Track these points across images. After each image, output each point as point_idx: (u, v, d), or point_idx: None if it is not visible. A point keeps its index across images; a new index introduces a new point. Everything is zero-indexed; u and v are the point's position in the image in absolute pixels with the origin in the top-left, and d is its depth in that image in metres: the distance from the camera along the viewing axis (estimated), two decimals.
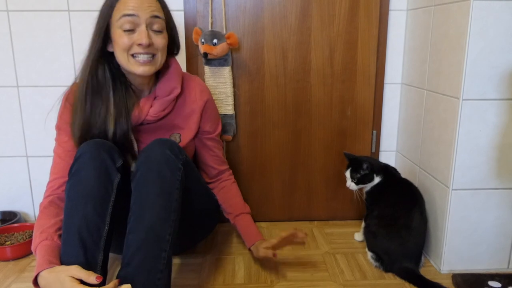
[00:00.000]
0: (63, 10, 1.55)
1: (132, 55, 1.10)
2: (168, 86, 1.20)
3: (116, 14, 1.07)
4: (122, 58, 1.11)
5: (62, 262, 0.96)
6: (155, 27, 1.11)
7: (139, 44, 1.08)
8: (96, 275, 0.91)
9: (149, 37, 1.08)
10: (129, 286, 0.92)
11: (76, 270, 0.91)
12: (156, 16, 1.10)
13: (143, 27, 1.08)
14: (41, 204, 1.10)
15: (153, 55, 1.12)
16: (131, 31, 1.08)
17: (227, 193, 1.40)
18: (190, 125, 1.27)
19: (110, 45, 1.13)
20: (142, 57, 1.10)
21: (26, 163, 1.69)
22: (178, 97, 1.23)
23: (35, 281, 0.95)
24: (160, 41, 1.12)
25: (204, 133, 1.33)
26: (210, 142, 1.36)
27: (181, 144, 1.25)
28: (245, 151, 1.68)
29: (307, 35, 1.57)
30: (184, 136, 1.26)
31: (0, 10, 1.54)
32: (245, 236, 1.36)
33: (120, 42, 1.08)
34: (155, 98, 1.20)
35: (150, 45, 1.09)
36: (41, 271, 0.93)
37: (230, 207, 1.38)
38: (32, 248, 1.02)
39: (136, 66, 1.11)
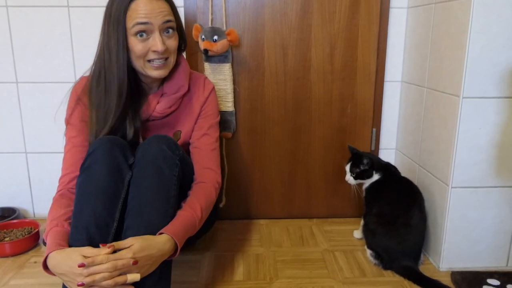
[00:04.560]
0: (62, 6, 1.54)
1: (148, 60, 1.12)
2: (176, 84, 1.21)
3: (129, 22, 1.07)
4: (137, 63, 1.12)
5: None
6: (168, 30, 1.12)
7: (154, 51, 1.10)
8: (105, 246, 0.92)
9: (163, 43, 1.10)
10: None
11: (89, 249, 0.93)
12: (168, 21, 1.11)
13: (156, 34, 1.09)
14: (53, 198, 1.11)
15: (166, 58, 1.14)
16: (145, 37, 1.09)
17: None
18: (191, 122, 1.28)
19: None
20: (157, 62, 1.12)
21: (25, 159, 1.68)
22: (184, 94, 1.23)
23: (45, 265, 0.95)
24: (172, 43, 1.14)
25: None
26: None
27: (180, 141, 1.25)
28: (245, 148, 1.68)
29: (308, 32, 1.57)
30: (184, 133, 1.26)
31: None
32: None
33: (135, 49, 1.09)
34: (162, 95, 1.21)
35: (165, 51, 1.11)
36: (50, 253, 0.94)
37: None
38: (44, 236, 1.02)
39: (151, 70, 1.13)
